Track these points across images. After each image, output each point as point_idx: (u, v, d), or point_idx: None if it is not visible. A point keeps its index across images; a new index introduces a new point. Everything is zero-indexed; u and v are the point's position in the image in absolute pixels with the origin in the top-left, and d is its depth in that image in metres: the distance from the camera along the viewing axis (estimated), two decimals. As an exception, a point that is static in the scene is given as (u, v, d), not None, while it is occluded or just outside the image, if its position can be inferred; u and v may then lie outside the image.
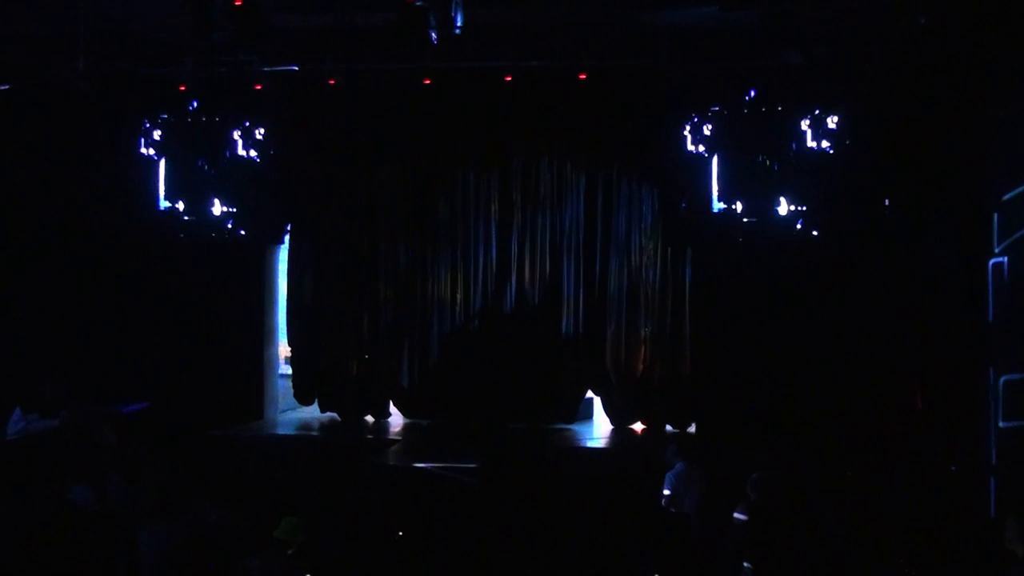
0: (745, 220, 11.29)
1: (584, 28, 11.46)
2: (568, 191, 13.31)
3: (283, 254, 14.12)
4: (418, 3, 9.20)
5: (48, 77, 12.19)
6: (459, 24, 9.29)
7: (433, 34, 9.32)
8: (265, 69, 12.22)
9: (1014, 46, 10.00)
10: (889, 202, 11.77)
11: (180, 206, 12.98)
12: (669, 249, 12.99)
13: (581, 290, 13.33)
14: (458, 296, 13.61)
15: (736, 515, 8.72)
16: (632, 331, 13.19)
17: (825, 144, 11.25)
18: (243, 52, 12.07)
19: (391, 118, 12.97)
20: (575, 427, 13.38)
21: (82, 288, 13.33)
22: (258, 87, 12.59)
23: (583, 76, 12.08)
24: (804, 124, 11.39)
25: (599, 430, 13.36)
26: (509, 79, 12.19)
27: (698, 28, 11.08)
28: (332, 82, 12.55)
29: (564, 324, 13.33)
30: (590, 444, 12.77)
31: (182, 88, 12.59)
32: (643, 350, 13.16)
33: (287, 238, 13.98)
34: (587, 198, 13.27)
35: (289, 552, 7.89)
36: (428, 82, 12.40)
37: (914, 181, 11.51)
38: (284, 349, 14.37)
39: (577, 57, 11.71)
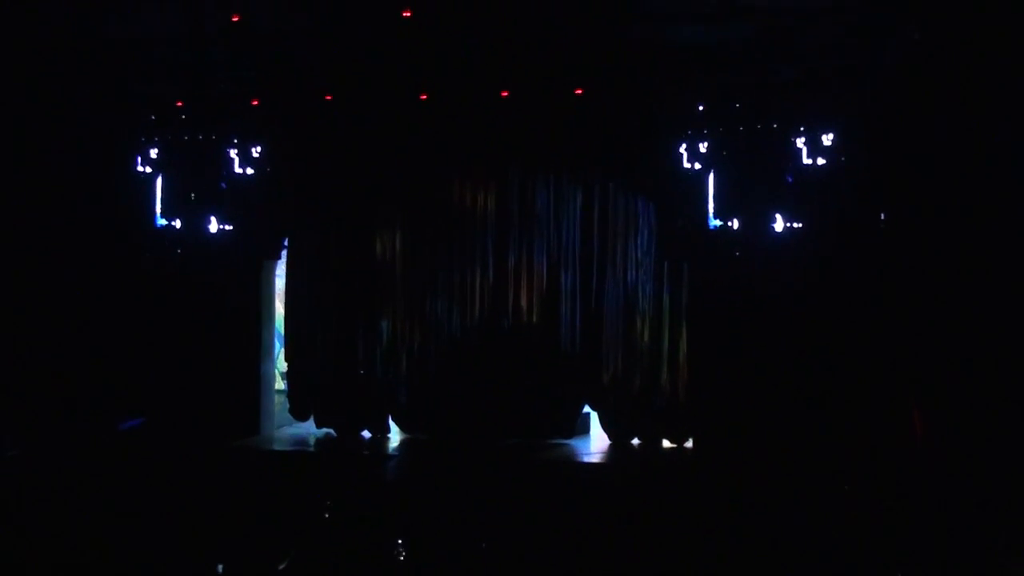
0: (741, 237, 11.31)
1: (580, 43, 11.51)
2: (565, 206, 13.29)
3: (280, 268, 14.11)
4: None
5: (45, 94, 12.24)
6: None
7: None
8: (262, 84, 12.28)
9: (1008, 61, 10.04)
10: (886, 216, 11.80)
11: (176, 223, 13.01)
12: (666, 264, 12.98)
13: (578, 305, 13.31)
14: (455, 311, 13.58)
15: None
16: (629, 346, 13.16)
17: (821, 161, 11.30)
18: (240, 67, 12.14)
19: (388, 133, 12.99)
20: (572, 442, 13.36)
21: (78, 304, 13.31)
22: (255, 102, 12.63)
23: (579, 91, 12.13)
24: (800, 142, 11.44)
25: (596, 445, 13.33)
26: (506, 94, 12.23)
27: (694, 44, 11.13)
28: (329, 97, 12.60)
29: (561, 339, 13.30)
30: (587, 459, 12.75)
31: (179, 104, 12.63)
32: (640, 365, 13.14)
33: (284, 253, 13.97)
34: (584, 213, 13.25)
35: (281, 567, 7.91)
36: (425, 97, 12.43)
37: (911, 196, 11.53)
38: (280, 364, 14.37)
39: (573, 72, 11.74)
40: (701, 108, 11.82)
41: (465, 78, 12.14)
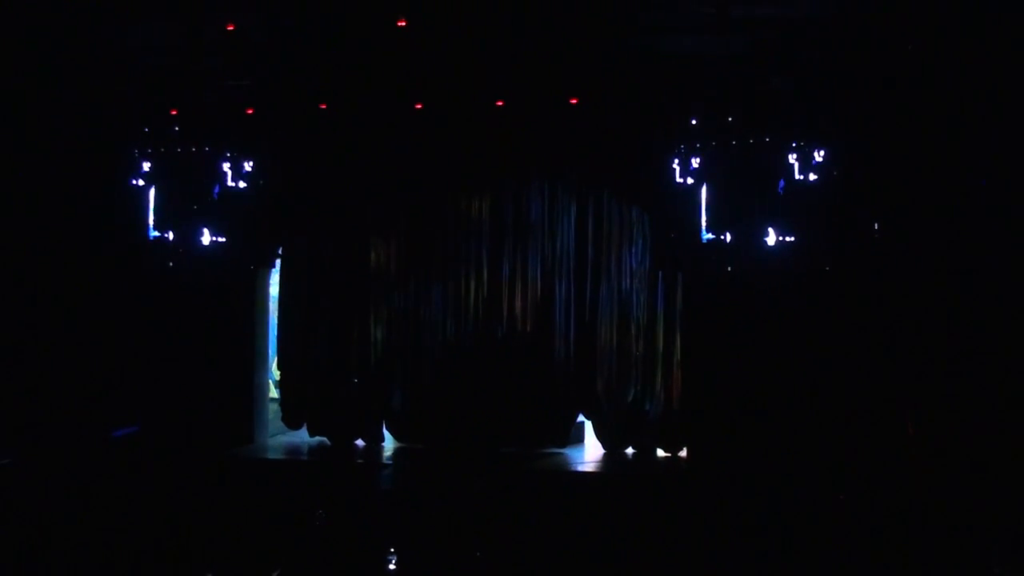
0: (734, 250, 11.33)
1: (575, 54, 11.55)
2: (559, 215, 13.32)
3: (273, 277, 14.10)
4: None
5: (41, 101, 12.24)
6: None
7: None
8: (256, 93, 12.29)
9: (1000, 72, 10.09)
10: (878, 228, 11.83)
11: (170, 235, 13.00)
12: (660, 273, 12.99)
13: (572, 314, 13.33)
14: (450, 320, 13.58)
15: None
16: (623, 355, 13.17)
17: (813, 176, 11.35)
18: (234, 76, 12.15)
19: (382, 142, 13.01)
20: (567, 451, 13.36)
21: (72, 314, 13.29)
22: (250, 111, 12.63)
23: (574, 101, 12.16)
24: (792, 158, 11.49)
25: (591, 454, 13.33)
26: (501, 104, 12.25)
27: (688, 56, 11.17)
28: (323, 107, 12.61)
29: (555, 348, 13.31)
30: (581, 468, 12.75)
31: (174, 112, 12.63)
32: (634, 374, 13.15)
33: (278, 261, 13.96)
34: (578, 222, 13.27)
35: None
36: (420, 107, 12.45)
37: (904, 208, 11.57)
38: (274, 373, 14.34)
39: (568, 82, 11.78)
40: (695, 122, 11.87)
41: (460, 87, 12.16)
